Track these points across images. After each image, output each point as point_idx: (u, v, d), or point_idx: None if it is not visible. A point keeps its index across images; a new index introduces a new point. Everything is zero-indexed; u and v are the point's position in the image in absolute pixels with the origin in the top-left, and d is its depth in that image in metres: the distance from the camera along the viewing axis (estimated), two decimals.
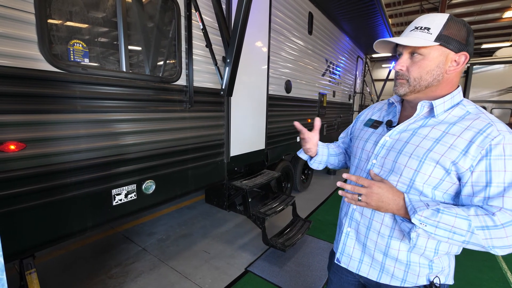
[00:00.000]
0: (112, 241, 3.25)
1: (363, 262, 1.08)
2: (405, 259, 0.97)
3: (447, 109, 0.93)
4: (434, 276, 0.98)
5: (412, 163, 0.91)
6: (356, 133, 1.21)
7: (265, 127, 3.61)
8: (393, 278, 1.01)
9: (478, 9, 14.79)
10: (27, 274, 1.62)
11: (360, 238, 1.08)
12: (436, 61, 0.90)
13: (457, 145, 0.85)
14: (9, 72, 1.39)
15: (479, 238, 0.78)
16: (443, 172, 0.87)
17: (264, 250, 3.12)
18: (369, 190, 0.90)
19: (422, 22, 0.92)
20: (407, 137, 0.96)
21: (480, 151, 0.82)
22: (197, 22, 2.38)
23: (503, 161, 0.80)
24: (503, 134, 0.82)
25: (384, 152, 1.00)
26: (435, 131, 0.91)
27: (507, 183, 0.79)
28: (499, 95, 12.29)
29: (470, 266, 2.92)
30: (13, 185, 1.45)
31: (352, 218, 1.11)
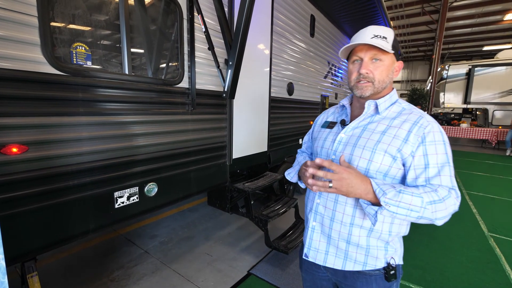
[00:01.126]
0: (114, 243, 3.24)
1: (329, 253, 1.17)
2: (365, 244, 1.08)
3: (387, 107, 1.10)
4: (389, 257, 1.10)
5: (365, 154, 1.04)
6: (315, 135, 1.33)
7: (267, 129, 3.60)
8: (356, 263, 1.11)
9: (479, 12, 14.79)
10: (28, 277, 1.61)
11: (325, 230, 1.17)
12: (390, 66, 1.08)
13: (399, 134, 1.01)
14: (12, 75, 1.39)
15: (428, 212, 0.90)
16: (391, 159, 1.01)
17: (267, 252, 3.10)
18: (340, 175, 0.94)
19: (378, 31, 1.04)
20: (359, 132, 1.10)
21: (417, 139, 0.98)
22: (199, 24, 2.39)
23: (434, 146, 0.98)
24: (431, 124, 1.00)
25: (341, 148, 1.12)
26: (381, 125, 1.07)
27: (440, 164, 0.97)
28: (501, 97, 12.26)
29: (473, 268, 2.89)
30: (15, 188, 1.45)
31: (317, 212, 1.20)
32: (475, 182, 6.35)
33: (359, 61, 1.09)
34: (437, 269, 2.84)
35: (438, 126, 1.01)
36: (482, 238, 3.58)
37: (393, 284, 1.13)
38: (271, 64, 3.51)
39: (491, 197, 5.28)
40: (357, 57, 1.10)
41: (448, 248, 3.28)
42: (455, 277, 2.72)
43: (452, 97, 13.67)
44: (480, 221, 4.12)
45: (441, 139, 0.99)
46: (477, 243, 3.44)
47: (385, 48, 1.01)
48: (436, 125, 1.01)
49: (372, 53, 1.05)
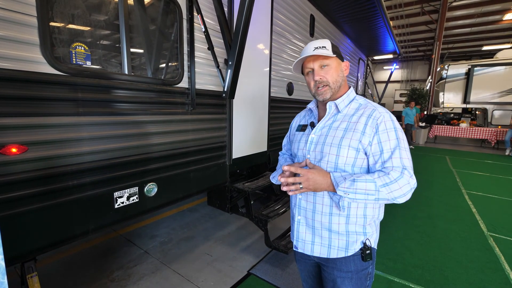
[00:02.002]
0: (114, 244, 3.24)
1: (315, 243, 1.29)
2: (344, 230, 1.21)
3: (346, 105, 1.26)
4: (365, 239, 1.23)
5: (333, 150, 1.18)
6: (292, 138, 1.49)
7: (267, 129, 3.60)
8: (339, 250, 1.23)
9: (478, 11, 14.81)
10: (28, 277, 1.61)
11: (309, 222, 1.30)
12: (337, 67, 1.24)
13: (358, 128, 1.16)
14: (11, 75, 1.39)
15: (384, 194, 1.04)
16: (354, 151, 1.15)
17: (267, 252, 3.10)
18: (305, 177, 1.12)
19: (317, 43, 1.21)
20: (326, 131, 1.24)
21: (372, 130, 1.13)
22: (199, 24, 2.38)
23: (386, 134, 1.12)
24: (383, 114, 1.15)
25: (313, 147, 1.26)
26: (343, 123, 1.21)
27: (392, 148, 1.10)
28: (500, 96, 12.27)
29: (472, 267, 2.90)
30: (15, 188, 1.44)
31: (300, 207, 1.32)
32: (474, 181, 6.36)
33: (311, 71, 1.26)
34: (437, 269, 2.84)
35: (389, 116, 1.16)
36: (481, 238, 3.58)
37: (369, 265, 1.26)
38: (270, 64, 3.51)
39: (491, 197, 5.29)
40: (309, 68, 1.27)
41: (447, 248, 3.28)
42: (454, 277, 2.72)
43: (451, 97, 13.68)
44: (479, 221, 4.13)
45: (392, 126, 1.13)
46: (476, 243, 3.45)
47: (327, 54, 1.17)
48: (388, 115, 1.16)
49: (319, 62, 1.22)
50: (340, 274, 1.26)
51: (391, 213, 4.32)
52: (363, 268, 1.25)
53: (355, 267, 1.24)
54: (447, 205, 4.78)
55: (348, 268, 1.24)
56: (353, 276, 1.25)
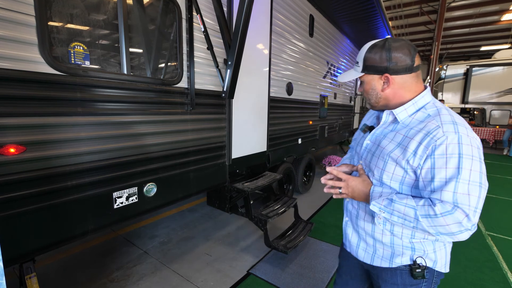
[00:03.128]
0: (113, 244, 3.23)
1: (360, 247, 1.25)
2: (389, 242, 1.13)
3: (411, 114, 1.07)
4: (416, 256, 1.10)
5: (380, 163, 1.09)
6: (356, 136, 1.40)
7: (266, 129, 3.60)
8: (383, 259, 1.17)
9: (477, 12, 14.82)
10: (27, 278, 1.60)
11: (354, 226, 1.28)
12: (369, 85, 1.12)
13: (410, 147, 1.00)
14: (9, 75, 1.38)
15: (424, 225, 0.93)
16: (401, 170, 1.03)
17: (266, 252, 3.09)
18: (345, 183, 1.13)
19: (358, 55, 1.13)
20: (379, 140, 1.14)
21: (426, 151, 0.96)
22: (198, 24, 2.38)
23: (444, 159, 0.92)
24: (447, 135, 0.93)
25: (365, 154, 1.19)
26: (398, 135, 1.07)
27: (447, 178, 0.91)
28: (498, 96, 12.30)
29: (470, 266, 2.91)
30: (13, 189, 1.44)
31: (347, 209, 1.32)
32: None
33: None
34: None
35: (458, 137, 0.92)
36: (479, 237, 3.59)
37: (421, 283, 1.13)
38: (270, 64, 3.51)
39: (489, 196, 5.30)
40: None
41: None
42: (453, 276, 2.73)
43: (450, 97, 13.72)
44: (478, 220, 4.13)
45: (456, 152, 0.91)
46: (474, 242, 3.46)
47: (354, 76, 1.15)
48: (455, 136, 0.93)
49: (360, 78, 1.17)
50: (385, 285, 1.20)
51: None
52: (412, 284, 1.14)
53: (402, 281, 1.15)
54: None
55: (394, 281, 1.17)
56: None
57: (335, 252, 3.09)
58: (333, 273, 2.72)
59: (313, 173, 5.53)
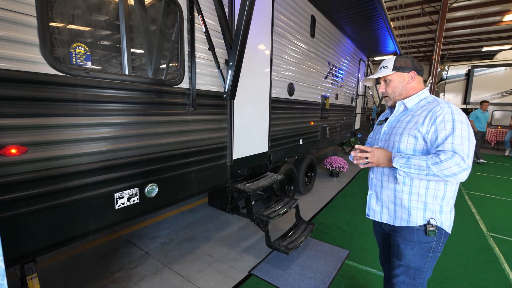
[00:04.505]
0: (115, 245, 3.23)
1: (382, 213, 1.63)
2: (407, 205, 1.49)
3: (416, 103, 1.55)
4: (429, 217, 1.45)
5: (397, 138, 1.50)
6: (375, 129, 1.82)
7: (268, 130, 3.59)
8: (402, 220, 1.52)
9: (478, 13, 14.79)
10: (28, 279, 1.60)
11: (378, 196, 1.65)
12: (398, 81, 1.59)
13: (418, 120, 1.44)
14: (10, 76, 1.38)
15: (434, 171, 1.28)
16: (413, 138, 1.43)
17: (268, 253, 3.09)
18: (372, 153, 1.50)
19: (383, 63, 1.63)
20: (395, 124, 1.58)
21: (430, 120, 1.39)
22: (199, 25, 2.38)
23: (443, 124, 1.35)
24: (443, 108, 1.38)
25: (384, 136, 1.61)
26: (408, 117, 1.52)
27: (446, 135, 1.33)
28: (500, 97, 12.25)
29: (472, 267, 2.89)
30: (15, 189, 1.44)
31: (372, 183, 1.69)
32: (474, 182, 6.35)
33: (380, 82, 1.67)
34: (437, 269, 2.83)
35: (450, 110, 1.37)
36: (481, 238, 3.58)
37: (433, 240, 1.47)
38: (271, 65, 3.50)
39: (491, 197, 5.28)
40: (379, 80, 1.69)
41: (447, 248, 3.27)
42: (454, 277, 2.72)
43: (451, 98, 13.67)
44: (479, 221, 4.12)
45: (450, 118, 1.34)
46: (476, 243, 3.44)
47: (383, 74, 1.60)
48: (449, 109, 1.37)
49: (383, 77, 1.64)
50: (403, 241, 1.53)
51: None
52: (427, 241, 1.48)
53: (418, 238, 1.48)
54: None
55: (411, 238, 1.50)
56: (415, 245, 1.50)
57: (336, 253, 3.08)
58: (334, 273, 2.71)
59: (315, 173, 5.52)
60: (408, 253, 1.52)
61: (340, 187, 5.77)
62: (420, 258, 1.50)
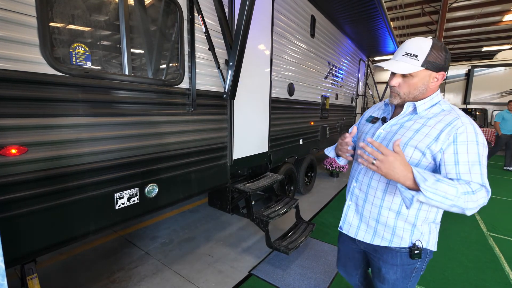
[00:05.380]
0: (115, 245, 3.23)
1: (360, 228, 1.39)
2: (392, 224, 1.26)
3: (427, 108, 1.21)
4: (415, 239, 1.26)
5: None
6: (361, 127, 1.50)
7: (268, 130, 3.59)
8: (383, 239, 1.30)
9: (478, 12, 14.80)
10: (28, 279, 1.60)
11: (358, 209, 1.39)
12: (422, 80, 1.17)
13: (431, 134, 1.13)
14: (10, 76, 1.38)
15: (462, 202, 1.00)
16: (420, 154, 1.14)
17: (268, 253, 3.09)
18: (385, 157, 1.03)
19: (411, 48, 1.15)
20: (396, 129, 1.25)
21: (448, 138, 1.09)
22: (199, 25, 2.38)
23: (466, 146, 1.07)
24: (465, 125, 1.09)
25: (379, 141, 1.27)
26: (416, 124, 1.19)
27: (471, 161, 1.06)
28: (500, 97, 12.26)
29: (472, 267, 2.89)
30: (15, 190, 1.44)
31: (353, 194, 1.42)
32: None
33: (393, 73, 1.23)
34: (437, 269, 2.83)
35: (473, 128, 1.10)
36: (481, 238, 3.58)
37: (417, 262, 1.30)
38: (271, 65, 3.50)
39: (491, 197, 5.26)
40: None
41: (448, 248, 3.27)
42: (455, 277, 2.72)
43: (451, 98, 13.67)
44: (479, 221, 4.12)
45: (474, 139, 1.08)
46: (476, 243, 3.44)
47: (408, 71, 1.14)
48: (472, 127, 1.10)
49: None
50: (385, 265, 1.35)
51: None
52: (410, 264, 1.31)
53: (401, 261, 1.31)
54: None
55: (394, 262, 1.32)
56: (398, 269, 1.33)
57: (336, 253, 3.08)
58: (334, 274, 2.71)
59: (315, 174, 5.52)
60: (391, 277, 1.35)
61: (340, 187, 5.77)
62: (403, 280, 1.35)
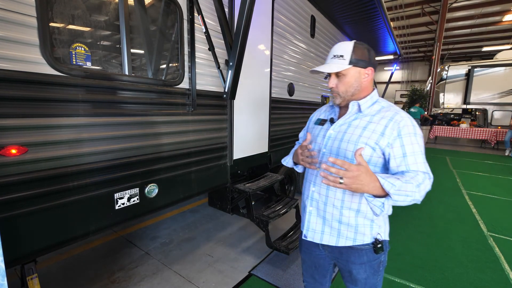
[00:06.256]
0: (115, 245, 3.23)
1: (324, 232, 1.38)
2: (354, 223, 1.29)
3: (369, 106, 1.30)
4: (376, 233, 1.31)
5: (350, 147, 1.23)
6: (310, 131, 1.52)
7: (268, 130, 3.59)
8: (347, 239, 1.32)
9: (478, 13, 14.83)
10: (28, 279, 1.60)
11: (320, 213, 1.38)
12: (353, 77, 1.26)
13: (377, 129, 1.20)
14: (11, 76, 1.38)
15: (417, 195, 1.06)
16: (371, 150, 1.20)
17: (268, 253, 3.09)
18: (352, 174, 1.00)
19: (337, 51, 1.26)
20: (345, 129, 1.30)
21: (393, 132, 1.17)
22: (199, 25, 2.38)
23: (409, 138, 1.16)
24: (405, 119, 1.20)
25: (330, 142, 1.32)
26: (363, 122, 1.26)
27: (415, 152, 1.15)
28: (500, 97, 12.27)
29: (472, 267, 2.89)
30: (15, 190, 1.44)
31: (313, 199, 1.41)
32: (474, 182, 6.36)
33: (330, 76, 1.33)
34: (437, 269, 2.83)
35: (411, 121, 1.20)
36: (481, 238, 3.58)
37: (381, 255, 1.35)
38: (271, 65, 3.50)
39: (491, 197, 5.28)
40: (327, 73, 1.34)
41: (448, 248, 3.28)
42: (454, 277, 2.72)
43: (451, 98, 13.68)
44: (479, 221, 4.12)
45: (414, 131, 1.18)
46: (476, 243, 3.44)
47: (336, 69, 1.24)
48: (409, 120, 1.20)
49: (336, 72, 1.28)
50: (354, 266, 1.36)
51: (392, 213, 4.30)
52: (375, 259, 1.35)
53: (368, 258, 1.34)
54: (447, 206, 4.77)
55: (361, 261, 1.34)
56: (367, 266, 1.35)
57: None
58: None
59: None
60: (362, 277, 1.37)
61: None
62: (373, 276, 1.38)
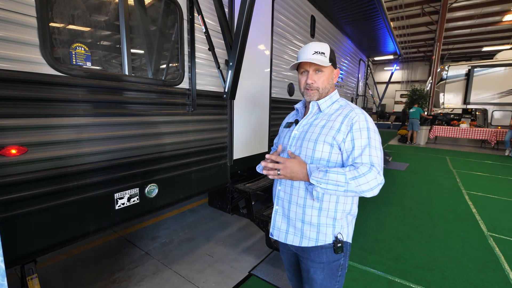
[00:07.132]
0: (115, 245, 3.23)
1: (289, 232, 1.41)
2: (316, 222, 1.32)
3: (328, 105, 1.39)
4: (337, 232, 1.33)
5: (310, 145, 1.30)
6: (280, 134, 1.62)
7: (268, 130, 3.59)
8: (310, 240, 1.34)
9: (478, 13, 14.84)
10: (28, 279, 1.60)
11: (285, 212, 1.42)
12: (329, 75, 1.38)
13: (334, 126, 1.28)
14: (10, 76, 1.38)
15: (352, 186, 1.13)
16: (329, 146, 1.26)
17: (268, 253, 3.09)
18: (284, 165, 1.24)
19: (318, 48, 1.32)
20: (307, 128, 1.37)
21: (347, 128, 1.25)
22: (199, 25, 2.38)
23: (359, 132, 1.23)
24: (358, 115, 1.27)
25: (294, 142, 1.39)
26: (322, 121, 1.34)
27: (363, 146, 1.21)
28: (500, 97, 12.27)
29: (472, 267, 2.89)
30: (15, 190, 1.44)
31: (278, 197, 1.45)
32: (474, 182, 6.35)
33: (305, 72, 1.38)
34: (437, 269, 2.83)
35: (364, 116, 1.27)
36: (481, 238, 3.58)
37: (341, 257, 1.37)
38: (271, 65, 3.50)
39: (491, 197, 5.28)
40: (304, 69, 1.39)
41: (447, 248, 3.28)
42: (454, 277, 2.72)
43: (451, 98, 13.68)
44: (479, 221, 4.12)
45: (365, 126, 1.24)
46: (476, 243, 3.44)
47: (323, 63, 1.30)
48: (363, 116, 1.28)
49: (315, 67, 1.35)
50: (313, 265, 1.38)
51: (392, 213, 4.31)
52: (335, 260, 1.36)
53: (327, 258, 1.35)
54: (447, 205, 4.77)
55: (320, 260, 1.36)
56: (325, 267, 1.37)
57: None
58: None
59: None
60: (318, 277, 1.38)
61: None
62: (330, 279, 1.38)
